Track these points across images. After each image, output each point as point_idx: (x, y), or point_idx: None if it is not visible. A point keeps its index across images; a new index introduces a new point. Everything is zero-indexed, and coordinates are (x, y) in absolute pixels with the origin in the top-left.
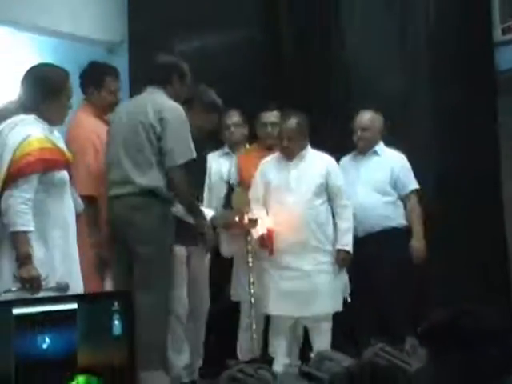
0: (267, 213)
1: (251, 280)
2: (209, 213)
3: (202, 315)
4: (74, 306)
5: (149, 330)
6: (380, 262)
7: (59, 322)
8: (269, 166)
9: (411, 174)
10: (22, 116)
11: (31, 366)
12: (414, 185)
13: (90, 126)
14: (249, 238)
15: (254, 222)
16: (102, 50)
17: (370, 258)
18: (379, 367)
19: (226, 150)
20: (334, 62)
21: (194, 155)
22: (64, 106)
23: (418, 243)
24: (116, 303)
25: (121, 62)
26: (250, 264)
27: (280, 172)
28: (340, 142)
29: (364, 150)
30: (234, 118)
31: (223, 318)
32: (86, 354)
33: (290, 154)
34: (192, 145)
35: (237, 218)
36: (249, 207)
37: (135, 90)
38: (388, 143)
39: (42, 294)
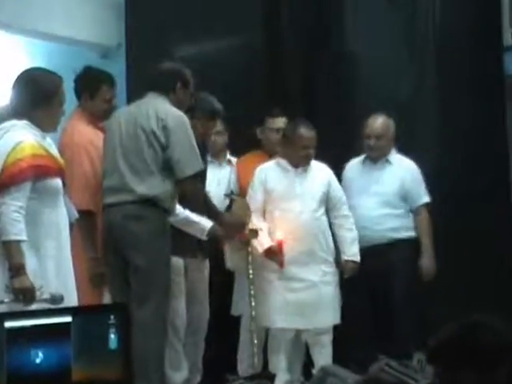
0: (270, 221)
1: (251, 292)
2: (207, 224)
3: (201, 329)
4: (69, 319)
5: (146, 344)
6: (387, 274)
7: (53, 335)
8: (269, 173)
9: (423, 186)
10: (14, 121)
11: (24, 380)
12: (425, 198)
13: (84, 133)
14: (249, 249)
15: (254, 233)
16: (98, 55)
17: (376, 270)
18: (385, 382)
19: (209, 159)
20: (337, 63)
21: (202, 166)
22: (56, 112)
23: (428, 261)
24: (112, 316)
25: (117, 67)
26: (251, 276)
27: (283, 179)
28: (344, 145)
29: (377, 159)
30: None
31: (223, 332)
32: (81, 369)
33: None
34: (198, 154)
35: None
36: (249, 217)
37: (132, 96)
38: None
39: (35, 306)
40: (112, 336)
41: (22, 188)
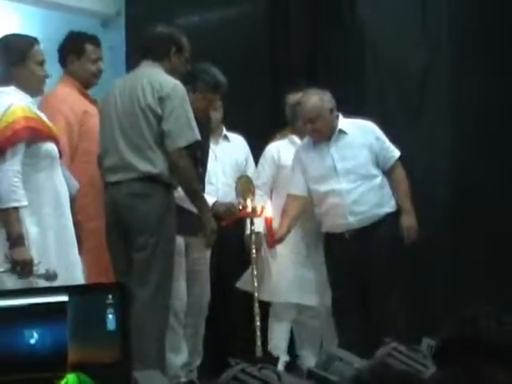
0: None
1: (255, 272)
2: (210, 199)
3: (202, 311)
4: (65, 298)
5: (147, 325)
6: (378, 253)
7: (48, 315)
8: (282, 151)
9: (387, 141)
10: (1, 88)
11: (17, 362)
12: (395, 152)
13: (62, 95)
14: (252, 228)
15: (255, 212)
16: (97, 23)
17: (367, 251)
18: (392, 369)
19: None
20: (347, 35)
21: (198, 137)
22: (33, 72)
23: (409, 220)
24: (110, 296)
25: (116, 36)
26: (254, 255)
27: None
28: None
29: (323, 139)
30: None
31: (225, 314)
32: (77, 350)
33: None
34: (195, 125)
35: (240, 206)
36: (253, 196)
37: (132, 66)
38: (403, 126)
39: (27, 281)
40: (110, 316)
41: (18, 151)
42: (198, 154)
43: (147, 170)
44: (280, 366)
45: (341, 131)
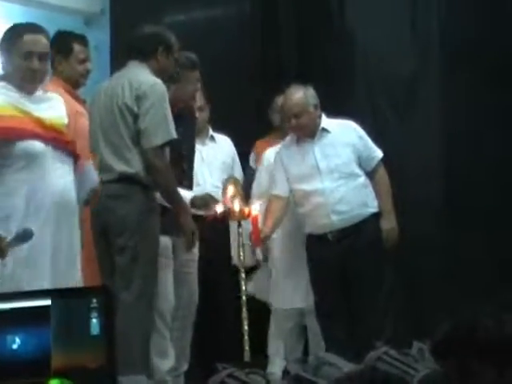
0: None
1: (242, 275)
2: (188, 194)
3: (190, 314)
4: (48, 302)
5: (130, 328)
6: (362, 255)
7: (31, 319)
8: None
9: (370, 141)
10: None
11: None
12: (378, 153)
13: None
14: (240, 230)
15: (243, 213)
16: (80, 22)
17: (351, 252)
18: (381, 373)
19: None
20: (335, 35)
21: (174, 135)
22: (20, 65)
23: (389, 223)
24: (94, 300)
25: (101, 35)
26: (241, 258)
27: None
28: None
29: (306, 136)
30: (196, 98)
31: (213, 317)
32: (61, 356)
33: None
34: (172, 124)
35: (220, 208)
36: (240, 196)
37: (117, 65)
38: (394, 128)
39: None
40: (94, 321)
41: None
42: (183, 151)
43: (123, 171)
44: (278, 372)
45: (324, 130)
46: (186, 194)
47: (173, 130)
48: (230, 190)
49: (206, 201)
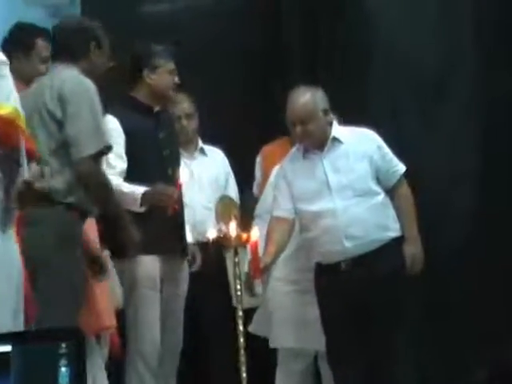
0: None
1: (240, 314)
2: (138, 190)
3: (174, 358)
4: (8, 348)
5: None
6: (381, 288)
7: None
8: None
9: (390, 153)
10: None
11: None
12: (400, 167)
13: None
14: (236, 260)
15: (240, 239)
16: (46, 13)
17: (368, 285)
18: None
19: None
20: (349, 20)
21: (108, 143)
22: None
23: (413, 248)
24: (63, 344)
25: None
26: (239, 292)
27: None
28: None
29: (315, 145)
30: (184, 105)
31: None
32: None
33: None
34: (104, 129)
35: (213, 233)
36: (235, 218)
37: None
38: (419, 136)
39: None
40: (63, 369)
41: None
42: (163, 153)
43: (38, 187)
44: None
45: (335, 139)
46: (136, 190)
47: (106, 136)
48: (224, 211)
49: (160, 194)
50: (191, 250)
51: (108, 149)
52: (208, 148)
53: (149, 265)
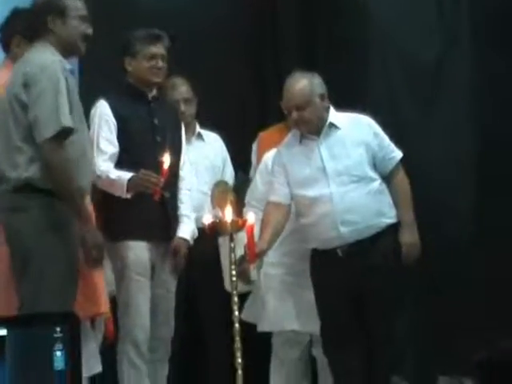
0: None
1: (235, 300)
2: (125, 176)
3: (166, 344)
4: (3, 332)
5: None
6: (378, 274)
7: None
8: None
9: (387, 139)
10: None
11: None
12: (396, 153)
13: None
14: (232, 245)
15: (235, 224)
16: None
17: (364, 271)
18: None
19: None
20: (346, 9)
21: (68, 123)
22: None
23: (410, 237)
24: (58, 328)
25: None
26: (234, 278)
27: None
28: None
29: (311, 131)
30: (182, 89)
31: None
32: None
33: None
34: (66, 110)
35: (209, 219)
36: (231, 202)
37: None
38: (416, 124)
39: None
40: (58, 353)
41: None
42: (157, 138)
43: (15, 177)
44: None
45: (332, 125)
46: (122, 175)
47: (67, 117)
48: (220, 196)
49: (144, 180)
50: (176, 242)
51: (69, 130)
52: (205, 133)
53: (138, 251)
